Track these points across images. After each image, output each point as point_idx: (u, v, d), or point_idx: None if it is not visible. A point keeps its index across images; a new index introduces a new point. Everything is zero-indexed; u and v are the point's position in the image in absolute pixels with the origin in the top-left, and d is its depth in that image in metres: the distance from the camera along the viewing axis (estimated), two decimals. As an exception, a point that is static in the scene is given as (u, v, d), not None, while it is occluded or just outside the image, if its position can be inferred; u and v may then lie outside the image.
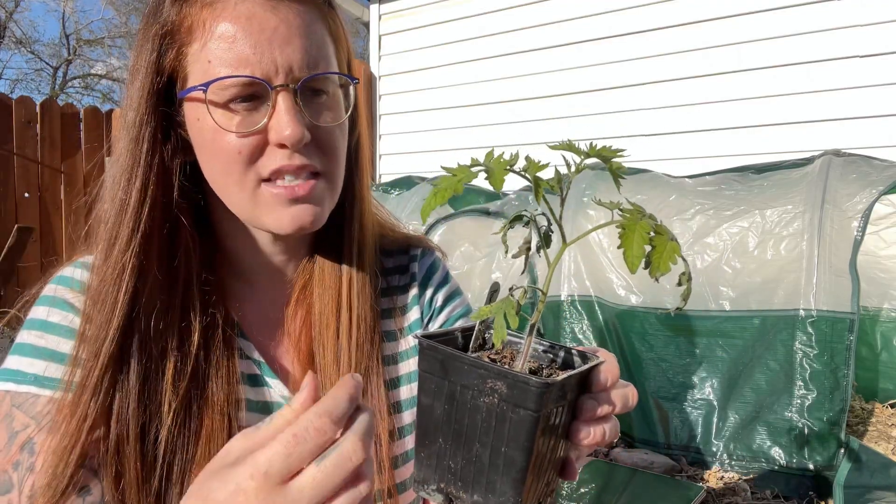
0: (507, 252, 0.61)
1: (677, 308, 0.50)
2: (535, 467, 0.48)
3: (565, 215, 2.98)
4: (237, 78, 0.64)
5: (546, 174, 0.50)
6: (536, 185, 0.47)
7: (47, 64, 18.03)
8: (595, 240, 2.88)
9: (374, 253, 0.81)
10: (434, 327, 0.86)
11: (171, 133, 0.70)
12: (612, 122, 4.10)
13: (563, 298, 2.84)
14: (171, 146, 0.70)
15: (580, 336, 2.78)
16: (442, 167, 0.49)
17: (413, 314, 0.85)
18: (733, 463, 2.33)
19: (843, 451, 2.14)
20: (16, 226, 4.23)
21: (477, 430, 0.48)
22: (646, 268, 0.43)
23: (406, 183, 4.14)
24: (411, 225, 3.46)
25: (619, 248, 0.42)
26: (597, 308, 2.76)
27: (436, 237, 3.30)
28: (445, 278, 0.90)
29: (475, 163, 0.48)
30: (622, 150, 0.50)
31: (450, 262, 1.30)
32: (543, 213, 0.58)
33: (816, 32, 3.46)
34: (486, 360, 0.50)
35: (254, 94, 0.65)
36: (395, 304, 0.84)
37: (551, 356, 0.58)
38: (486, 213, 3.42)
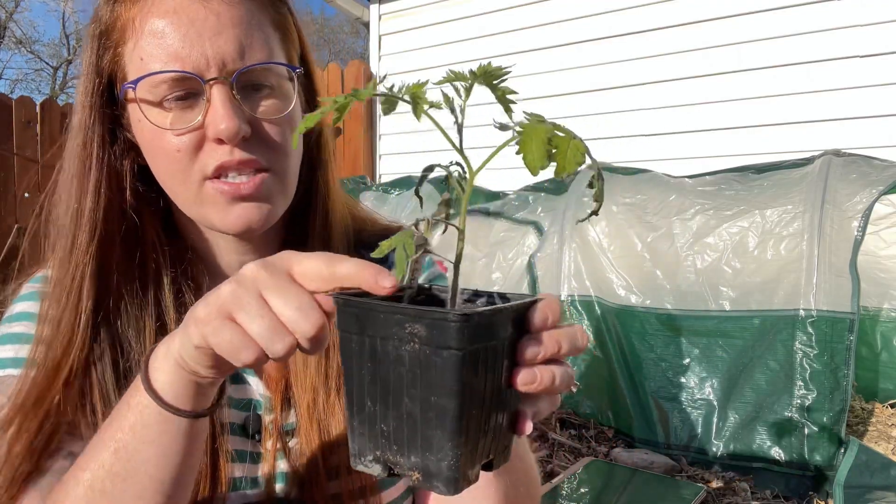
0: (421, 206, 0.56)
1: (592, 212, 0.45)
2: (473, 417, 0.44)
3: (566, 215, 2.98)
4: (166, 73, 0.62)
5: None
6: (415, 104, 0.46)
7: (47, 64, 18.04)
8: (595, 240, 2.88)
9: (345, 247, 0.80)
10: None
11: (118, 135, 0.69)
12: (612, 122, 4.10)
13: (563, 298, 2.84)
14: (119, 148, 0.69)
15: (580, 336, 2.78)
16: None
17: None
18: (733, 463, 2.33)
19: (843, 451, 2.14)
20: (16, 226, 4.23)
21: (403, 383, 0.44)
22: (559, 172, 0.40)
23: (406, 183, 4.14)
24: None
25: (517, 153, 0.40)
26: (597, 308, 2.75)
27: (436, 237, 3.30)
28: (427, 263, 0.88)
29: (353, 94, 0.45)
30: (507, 69, 0.48)
31: (450, 262, 1.30)
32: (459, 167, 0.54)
33: (816, 32, 3.45)
34: (408, 305, 0.47)
35: (188, 90, 0.64)
36: None
37: (485, 301, 0.53)
38: (486, 213, 3.42)
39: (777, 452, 2.27)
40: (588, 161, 0.40)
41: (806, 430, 2.23)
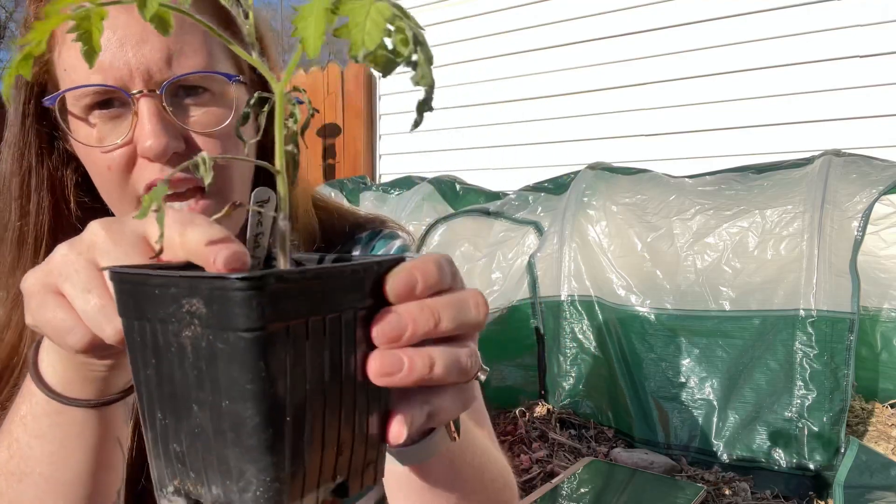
0: (239, 126, 0.41)
1: (415, 123, 0.34)
2: (294, 426, 0.31)
3: (566, 215, 2.98)
4: (86, 87, 0.57)
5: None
6: None
7: (47, 64, 18.04)
8: (595, 240, 2.88)
9: (309, 244, 0.74)
10: None
11: (56, 147, 0.65)
12: (612, 122, 4.10)
13: (563, 298, 2.84)
14: (58, 161, 0.64)
15: (580, 336, 2.78)
16: None
17: None
18: (733, 463, 2.33)
19: (843, 451, 2.14)
20: (16, 226, 4.22)
21: (189, 384, 0.31)
22: (366, 57, 0.27)
23: (406, 183, 4.14)
24: (411, 225, 3.46)
25: (292, 34, 0.28)
26: (597, 308, 2.76)
27: (436, 237, 3.30)
28: (386, 237, 0.80)
29: None
30: None
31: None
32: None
33: (816, 32, 3.45)
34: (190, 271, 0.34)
35: (114, 102, 0.59)
36: None
37: (332, 259, 0.41)
38: (486, 213, 3.42)
39: (777, 452, 2.27)
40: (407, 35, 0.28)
41: (806, 430, 2.23)
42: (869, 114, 3.34)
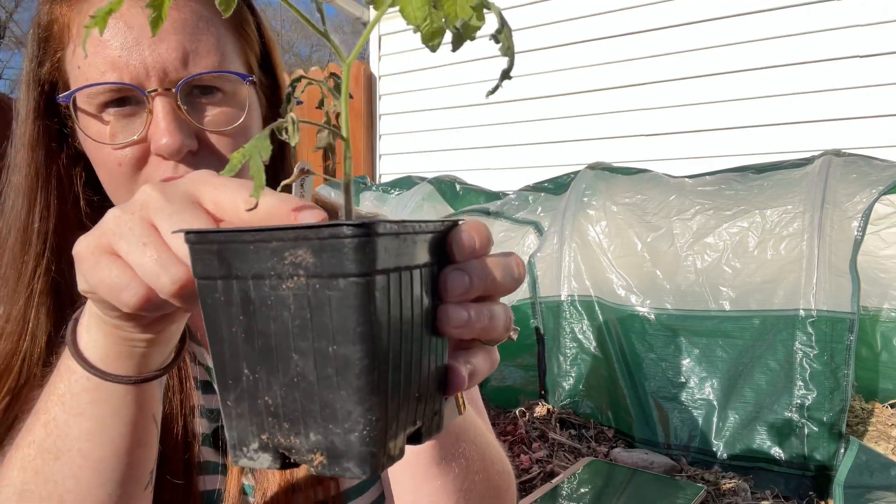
0: (293, 139, 0.41)
1: (495, 88, 0.37)
2: (389, 369, 0.33)
3: (566, 215, 2.98)
4: (102, 85, 0.57)
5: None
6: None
7: (47, 64, 18.03)
8: (595, 240, 2.88)
9: None
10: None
11: (65, 145, 0.65)
12: (613, 122, 4.10)
13: (563, 298, 2.84)
14: (68, 159, 0.65)
15: (580, 336, 2.78)
16: None
17: None
18: (733, 463, 2.33)
19: (843, 451, 2.14)
20: (16, 226, 4.22)
21: (289, 334, 0.33)
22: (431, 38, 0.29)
23: (406, 183, 4.14)
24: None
25: (391, 5, 0.29)
26: (597, 308, 2.76)
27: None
28: None
29: None
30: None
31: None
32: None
33: (816, 32, 3.45)
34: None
35: (128, 100, 0.59)
36: None
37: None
38: (486, 213, 3.42)
39: (777, 452, 2.27)
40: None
41: (806, 430, 2.23)
42: (869, 114, 3.34)
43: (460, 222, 0.40)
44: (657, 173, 3.11)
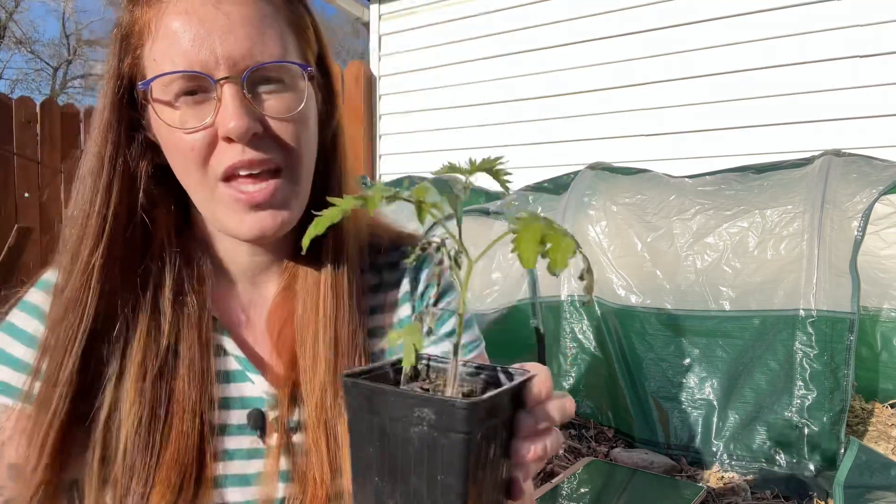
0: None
1: (583, 301, 0.51)
2: (475, 491, 0.47)
3: (566, 216, 2.98)
4: (175, 73, 0.63)
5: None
6: (419, 209, 0.50)
7: (47, 64, 18.03)
8: (595, 240, 2.88)
9: (360, 250, 0.79)
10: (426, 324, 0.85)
11: (137, 136, 0.70)
12: (613, 122, 4.10)
13: (563, 298, 2.84)
14: (137, 150, 0.70)
15: (580, 336, 2.78)
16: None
17: (404, 310, 0.83)
18: (733, 463, 2.33)
19: (843, 451, 2.14)
20: (16, 226, 4.23)
21: (411, 462, 0.47)
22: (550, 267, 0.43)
23: (406, 183, 4.15)
24: (412, 225, 3.46)
25: (512, 251, 0.43)
26: (597, 308, 2.76)
27: (436, 237, 3.30)
28: (440, 277, 0.88)
29: (359, 198, 0.49)
30: (501, 158, 0.51)
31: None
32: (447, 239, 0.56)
33: (816, 32, 3.45)
34: (417, 389, 0.51)
35: (199, 89, 0.64)
36: (386, 301, 0.83)
37: (483, 377, 0.57)
38: (486, 213, 3.42)
39: (777, 452, 2.27)
40: (579, 256, 0.45)
41: (806, 430, 2.23)
42: (869, 114, 3.34)
43: (533, 377, 0.51)
44: (657, 173, 3.11)
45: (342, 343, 0.74)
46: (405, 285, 0.84)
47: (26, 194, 5.78)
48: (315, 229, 0.45)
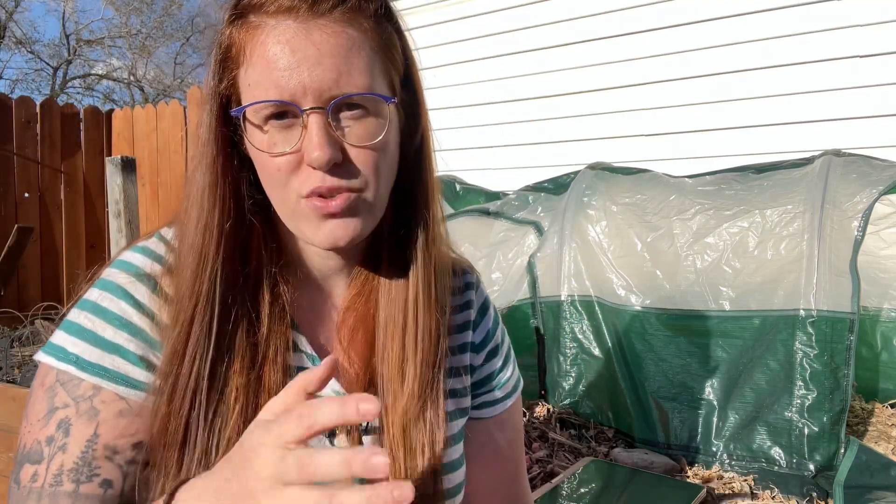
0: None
1: None
2: None
3: (566, 216, 2.98)
4: (266, 103, 0.67)
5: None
6: None
7: (47, 64, 18.03)
8: (595, 240, 2.88)
9: (447, 268, 0.83)
10: (498, 363, 0.91)
11: (235, 150, 0.75)
12: (613, 122, 4.10)
13: (562, 298, 2.84)
14: (238, 162, 0.75)
15: (580, 336, 2.78)
16: None
17: (467, 336, 0.88)
18: (733, 463, 2.33)
19: (843, 451, 2.14)
20: (16, 226, 4.23)
21: None
22: None
23: (406, 183, 4.14)
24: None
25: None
26: (597, 308, 2.76)
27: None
28: (496, 312, 0.94)
29: None
30: None
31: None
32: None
33: (816, 32, 3.46)
34: None
35: (287, 114, 0.68)
36: (452, 322, 0.86)
37: None
38: (486, 213, 3.42)
39: (777, 452, 2.27)
40: None
41: (806, 430, 2.23)
42: (869, 114, 3.34)
43: None
44: (657, 173, 3.11)
45: (427, 355, 0.77)
46: (471, 315, 0.89)
47: (26, 194, 5.78)
48: None
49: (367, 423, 0.76)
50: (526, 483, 0.99)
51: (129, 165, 3.70)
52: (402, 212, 0.79)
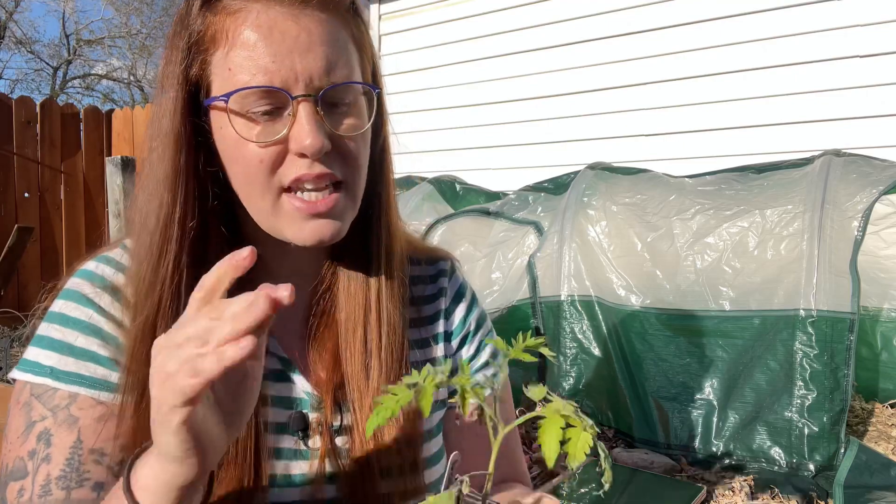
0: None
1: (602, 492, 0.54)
2: None
3: (566, 216, 2.98)
4: (256, 88, 0.64)
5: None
6: (463, 398, 0.50)
7: (47, 64, 18.03)
8: (595, 240, 2.88)
9: (403, 261, 0.82)
10: (470, 350, 0.89)
11: (201, 141, 0.71)
12: (612, 122, 4.10)
13: (563, 298, 2.84)
14: (203, 154, 0.71)
15: (580, 336, 2.78)
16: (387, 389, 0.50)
17: (439, 326, 0.86)
18: (733, 463, 2.33)
19: (843, 451, 2.14)
20: (16, 226, 4.23)
21: None
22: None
23: (406, 183, 4.14)
24: (412, 225, 3.46)
25: (536, 443, 0.47)
26: (597, 308, 2.75)
27: (436, 237, 3.30)
28: (474, 299, 0.92)
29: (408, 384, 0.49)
30: (541, 340, 0.53)
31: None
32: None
33: (816, 32, 3.46)
34: None
35: (274, 103, 0.66)
36: (420, 314, 0.85)
37: None
38: (486, 213, 3.42)
39: (777, 452, 2.27)
40: (601, 454, 0.48)
41: (806, 430, 2.23)
42: (869, 114, 3.34)
43: None
44: (657, 173, 3.11)
45: (391, 350, 0.76)
46: (442, 303, 0.87)
47: (26, 194, 5.78)
48: (377, 419, 0.47)
49: (340, 423, 0.75)
50: (521, 455, 0.98)
51: (129, 165, 3.70)
52: (365, 213, 0.77)
